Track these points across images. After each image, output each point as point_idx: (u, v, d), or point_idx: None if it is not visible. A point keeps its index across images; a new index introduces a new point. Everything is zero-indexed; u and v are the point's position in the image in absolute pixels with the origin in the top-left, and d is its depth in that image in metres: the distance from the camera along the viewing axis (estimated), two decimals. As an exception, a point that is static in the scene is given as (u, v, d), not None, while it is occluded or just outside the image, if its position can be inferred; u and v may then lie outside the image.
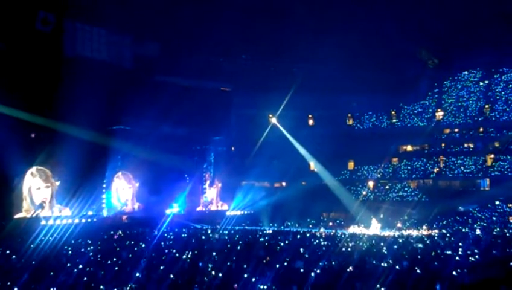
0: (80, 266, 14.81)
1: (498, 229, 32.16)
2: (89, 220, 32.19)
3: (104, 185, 34.85)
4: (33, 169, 30.31)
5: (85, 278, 13.18)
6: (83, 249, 20.49)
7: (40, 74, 29.80)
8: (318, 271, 14.16)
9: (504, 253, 18.31)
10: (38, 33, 30.92)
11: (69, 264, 15.34)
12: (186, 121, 38.26)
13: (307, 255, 17.86)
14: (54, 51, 32.08)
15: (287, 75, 47.29)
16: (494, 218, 39.19)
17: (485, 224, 36.85)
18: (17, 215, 29.20)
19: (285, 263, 15.50)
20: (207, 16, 39.92)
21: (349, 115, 53.54)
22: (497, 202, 41.77)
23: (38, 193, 30.42)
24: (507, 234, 27.70)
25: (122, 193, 36.59)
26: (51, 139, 31.48)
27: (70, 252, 19.49)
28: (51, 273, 13.61)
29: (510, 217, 38.88)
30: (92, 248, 20.73)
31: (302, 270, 14.63)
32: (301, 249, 19.64)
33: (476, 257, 17.50)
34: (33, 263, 16.17)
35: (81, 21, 34.97)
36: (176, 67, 39.93)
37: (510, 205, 41.00)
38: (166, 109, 35.23)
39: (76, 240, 23.65)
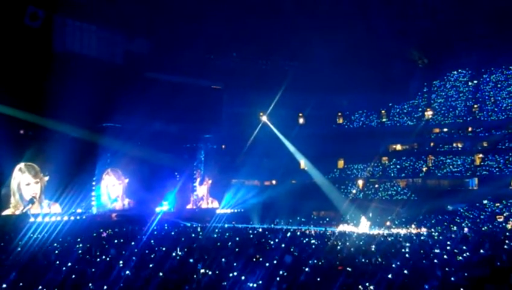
0: (69, 264, 14.72)
1: (486, 228, 32.44)
2: (78, 217, 31.98)
3: (94, 183, 34.63)
4: (21, 165, 30.03)
5: (73, 276, 13.11)
6: (72, 246, 20.40)
7: (29, 69, 29.51)
8: (307, 269, 14.21)
9: (491, 252, 18.47)
10: (27, 28, 30.62)
11: (57, 262, 15.24)
12: (176, 118, 38.14)
13: (296, 253, 17.89)
14: (43, 46, 31.80)
15: (277, 73, 47.31)
16: (482, 217, 39.54)
17: (472, 224, 37.13)
18: (4, 212, 28.97)
19: (275, 261, 15.52)
20: (198, 13, 39.83)
21: (340, 113, 53.80)
22: (485, 201, 42.14)
23: (28, 189, 30.14)
24: (494, 233, 27.94)
25: (112, 189, 36.39)
26: (40, 136, 31.25)
27: (58, 250, 19.32)
28: (40, 271, 13.52)
29: (498, 217, 39.25)
30: (81, 245, 20.62)
31: (290, 265, 14.69)
32: (291, 248, 19.69)
33: (464, 255, 17.65)
34: (21, 260, 16.05)
35: (71, 17, 34.68)
36: (166, 65, 39.81)
37: (498, 204, 41.40)
38: (157, 106, 35.13)
39: (65, 238, 23.48)
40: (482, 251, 19.06)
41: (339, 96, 51.14)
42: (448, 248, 20.12)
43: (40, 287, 11.75)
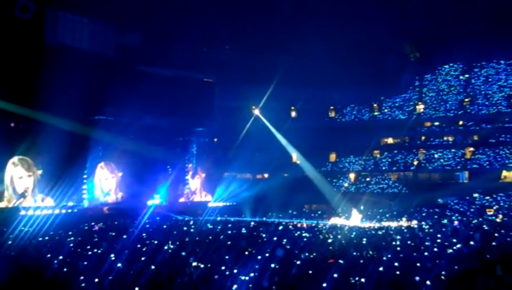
0: (60, 257, 14.70)
1: (476, 221, 32.72)
2: (69, 211, 31.86)
3: (85, 176, 34.49)
4: (15, 159, 29.90)
5: (65, 269, 13.10)
6: (63, 239, 20.38)
7: (20, 62, 29.23)
8: (299, 262, 14.28)
9: (481, 244, 18.64)
10: (17, 20, 30.28)
11: (49, 255, 15.21)
12: (168, 111, 37.98)
13: (288, 247, 17.97)
14: (34, 38, 31.45)
15: (270, 67, 47.16)
16: (472, 210, 39.87)
17: (462, 217, 37.43)
18: (-3, 206, 28.87)
19: (267, 254, 15.59)
20: (191, 5, 39.63)
21: (332, 107, 53.87)
22: (475, 195, 42.50)
23: (21, 182, 30.01)
24: (484, 226, 28.20)
25: (105, 182, 36.29)
26: (32, 129, 31.06)
27: (49, 243, 19.28)
28: (31, 264, 13.51)
29: (488, 210, 39.59)
30: (72, 239, 20.58)
31: (281, 258, 14.76)
32: (283, 241, 19.76)
33: (454, 248, 17.81)
34: (12, 253, 16.00)
35: (63, 9, 34.38)
36: (158, 57, 39.57)
37: (488, 198, 41.75)
38: (149, 99, 34.93)
39: (56, 231, 23.41)
40: (472, 243, 19.24)
41: (331, 90, 51.10)
42: (438, 240, 20.28)
43: (32, 280, 11.72)
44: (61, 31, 34.43)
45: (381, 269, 13.23)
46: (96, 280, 12.00)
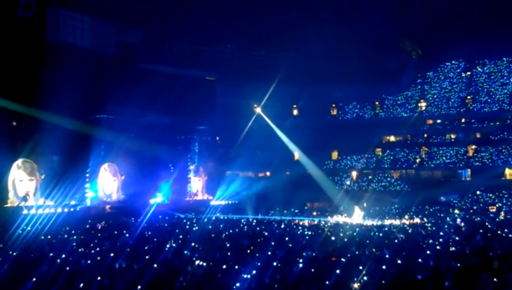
0: (63, 256, 14.70)
1: (478, 219, 32.65)
2: (71, 209, 31.83)
3: (87, 175, 34.47)
4: (19, 161, 29.76)
5: (67, 268, 13.09)
6: (66, 237, 20.39)
7: (21, 60, 29.21)
8: (301, 260, 14.27)
9: (484, 243, 18.60)
10: (19, 19, 30.25)
11: (51, 254, 15.21)
12: (170, 110, 37.95)
13: (290, 245, 17.95)
14: (35, 37, 31.42)
15: (271, 65, 47.17)
16: (475, 208, 39.77)
17: (464, 215, 37.36)
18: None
19: (269, 252, 15.57)
20: (191, 3, 39.63)
21: (334, 105, 53.81)
22: (477, 192, 42.36)
23: (21, 185, 29.79)
24: (487, 224, 28.13)
25: (107, 185, 36.26)
26: (34, 128, 30.98)
27: (51, 242, 19.30)
28: (33, 263, 13.50)
29: (490, 207, 39.49)
30: (75, 237, 20.60)
31: (284, 257, 14.75)
32: (285, 239, 19.76)
33: (457, 246, 17.77)
34: (15, 253, 16.00)
35: (64, 7, 34.38)
36: (159, 56, 39.58)
37: (490, 195, 41.63)
38: (150, 97, 34.91)
39: (58, 230, 23.43)
40: (474, 241, 19.19)
41: (333, 88, 51.07)
42: (441, 238, 20.24)
43: (34, 279, 11.72)
44: (62, 30, 34.43)
45: (383, 267, 13.20)
46: (99, 278, 11.99)
